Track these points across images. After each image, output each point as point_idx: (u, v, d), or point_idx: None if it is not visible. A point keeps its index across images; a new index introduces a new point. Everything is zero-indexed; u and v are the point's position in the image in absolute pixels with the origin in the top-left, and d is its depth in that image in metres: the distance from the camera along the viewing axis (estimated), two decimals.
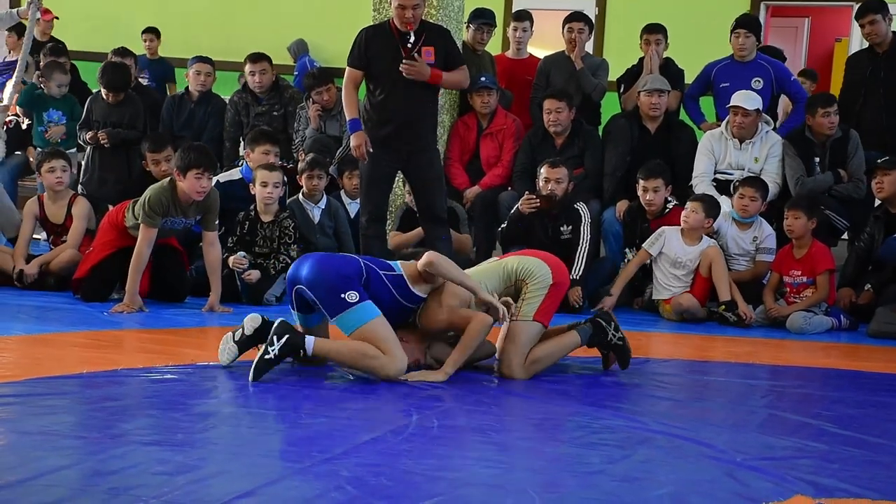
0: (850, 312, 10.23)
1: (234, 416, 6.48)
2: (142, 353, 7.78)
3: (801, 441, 6.41)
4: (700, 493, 5.35)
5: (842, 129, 11.30)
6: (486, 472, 5.51)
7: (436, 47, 9.36)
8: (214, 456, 5.64)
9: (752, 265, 10.56)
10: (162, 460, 5.47)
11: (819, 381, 8.42)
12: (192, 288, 9.82)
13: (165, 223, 9.39)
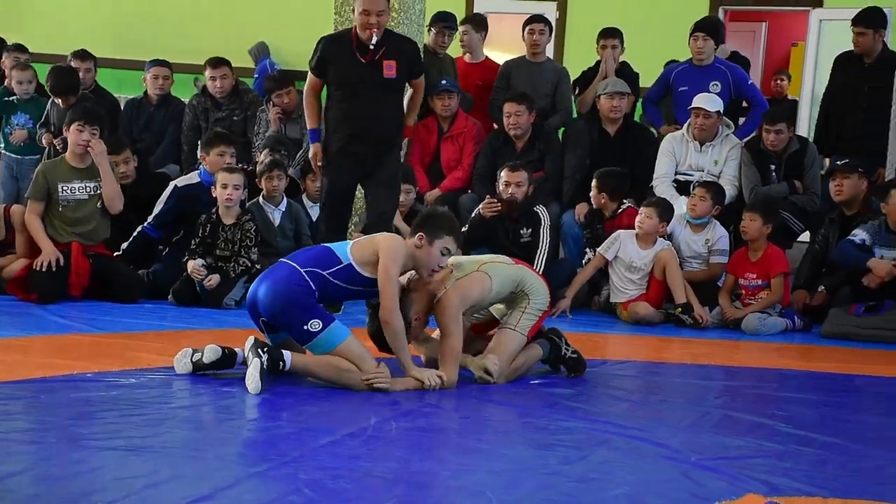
0: (804, 314, 10.27)
1: (191, 420, 6.41)
2: (98, 357, 7.52)
3: (754, 441, 6.47)
4: (656, 493, 5.38)
5: (800, 140, 11.42)
6: (445, 474, 5.57)
7: (398, 61, 9.29)
8: (172, 460, 5.59)
9: (706, 267, 10.57)
10: (119, 465, 5.44)
11: (773, 382, 8.45)
12: (147, 291, 9.75)
13: (66, 193, 9.55)
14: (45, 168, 9.87)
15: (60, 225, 9.52)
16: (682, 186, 11.05)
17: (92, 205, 9.65)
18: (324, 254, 7.05)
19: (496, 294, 7.48)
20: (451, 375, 7.17)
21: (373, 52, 9.09)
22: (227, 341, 7.18)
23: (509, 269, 7.61)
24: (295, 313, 6.83)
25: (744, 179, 11.10)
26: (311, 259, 7.04)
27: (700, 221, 10.44)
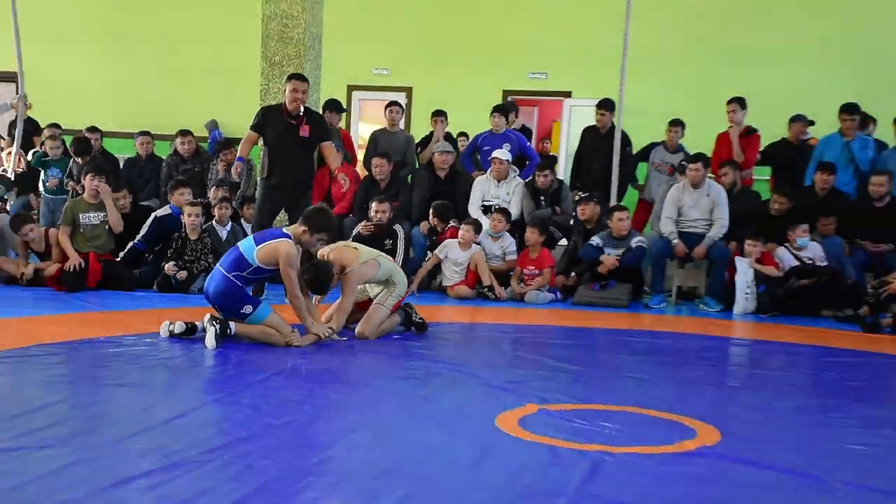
0: (563, 291, 10.54)
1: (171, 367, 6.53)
2: (107, 326, 7.70)
3: (532, 371, 6.84)
4: (472, 405, 5.86)
5: (559, 181, 11.65)
6: (335, 396, 5.95)
7: (311, 126, 9.20)
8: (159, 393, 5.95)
9: (503, 263, 10.64)
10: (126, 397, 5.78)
11: (545, 334, 8.60)
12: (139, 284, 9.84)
13: (85, 220, 9.75)
14: (71, 204, 10.02)
15: (81, 241, 9.67)
16: (486, 209, 11.07)
17: (102, 227, 9.84)
18: (240, 260, 7.11)
19: (378, 277, 7.82)
20: (339, 323, 7.65)
21: (296, 118, 9.02)
22: (192, 317, 7.39)
23: (389, 263, 7.97)
24: (233, 303, 7.15)
25: (525, 206, 11.24)
26: (233, 265, 7.12)
27: (498, 234, 10.61)
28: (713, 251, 10.34)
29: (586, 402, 5.96)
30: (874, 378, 7.38)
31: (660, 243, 10.56)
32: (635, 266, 10.36)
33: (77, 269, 9.50)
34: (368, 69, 15.44)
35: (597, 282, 10.21)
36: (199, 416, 5.29)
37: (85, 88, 15.80)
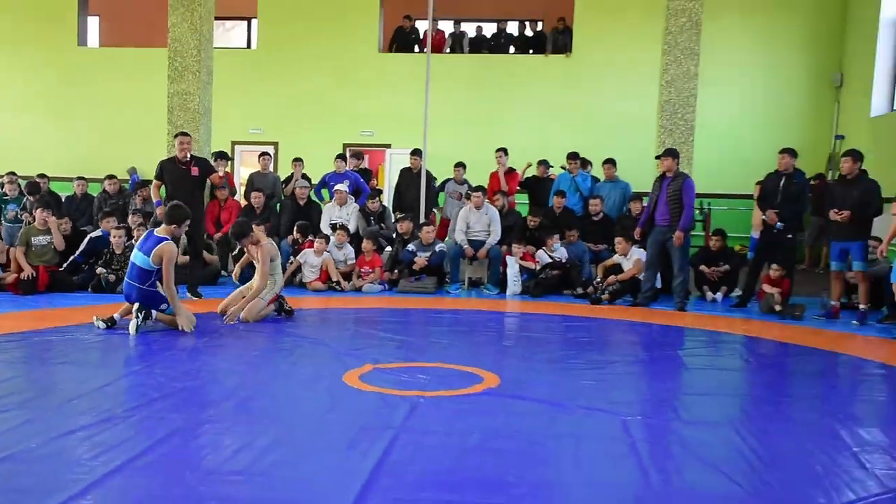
0: (389, 283, 10.18)
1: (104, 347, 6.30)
2: (54, 320, 7.36)
3: (369, 341, 6.82)
4: (325, 367, 5.77)
5: (384, 206, 11.49)
6: (224, 366, 5.86)
7: (198, 167, 8.86)
8: (97, 368, 5.87)
9: (346, 265, 10.21)
10: (70, 371, 5.69)
11: (377, 314, 8.41)
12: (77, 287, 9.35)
13: (36, 242, 9.38)
14: (25, 230, 9.69)
15: (33, 257, 9.28)
16: (332, 227, 10.62)
17: (49, 247, 9.45)
18: (143, 272, 6.84)
19: (274, 265, 7.71)
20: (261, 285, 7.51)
21: (186, 164, 8.72)
22: (115, 311, 7.07)
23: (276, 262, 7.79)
24: (156, 304, 6.87)
25: (360, 224, 10.95)
26: (141, 277, 6.84)
27: (341, 245, 10.28)
28: (491, 252, 10.42)
29: (407, 361, 6.01)
30: (599, 335, 7.60)
31: (455, 248, 10.53)
32: (439, 264, 10.28)
33: (30, 278, 9.15)
34: (246, 129, 15.32)
35: (412, 276, 10.11)
36: (122, 384, 5.22)
37: (35, 144, 15.31)
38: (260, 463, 3.73)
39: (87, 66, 15.63)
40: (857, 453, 4.09)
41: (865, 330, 8.07)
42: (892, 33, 13.02)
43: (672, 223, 9.05)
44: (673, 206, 9.03)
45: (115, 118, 15.41)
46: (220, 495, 3.36)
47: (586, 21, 14.70)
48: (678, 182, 9.05)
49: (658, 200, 9.20)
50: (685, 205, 8.98)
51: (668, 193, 9.07)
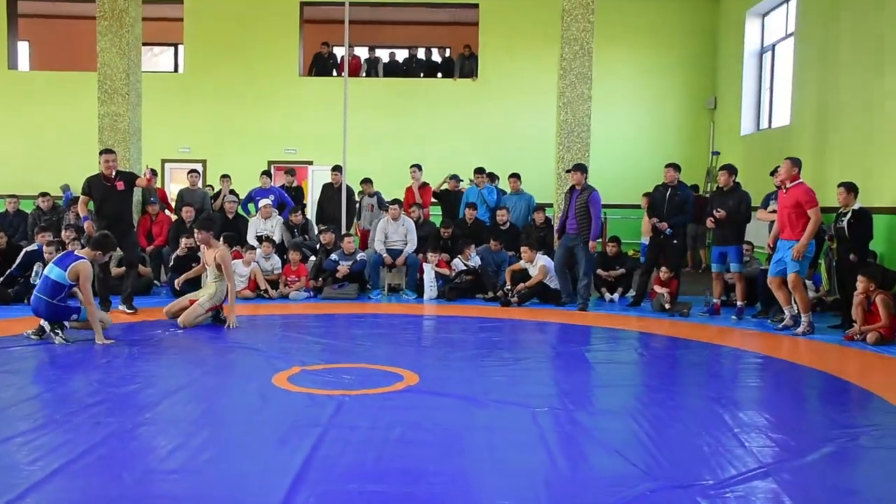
0: (314, 290, 9.98)
1: (39, 356, 6.12)
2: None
3: (296, 345, 6.70)
4: (256, 369, 5.71)
5: (306, 219, 11.37)
6: (159, 371, 5.76)
7: (123, 181, 8.47)
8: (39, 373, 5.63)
9: (273, 274, 10.04)
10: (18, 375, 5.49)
11: (303, 319, 8.18)
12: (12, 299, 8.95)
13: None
14: None
15: None
16: (259, 239, 10.35)
17: None
18: (56, 286, 6.61)
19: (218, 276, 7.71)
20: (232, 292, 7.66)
21: (111, 179, 8.39)
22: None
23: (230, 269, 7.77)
24: (63, 317, 6.63)
25: (285, 236, 10.80)
26: (53, 290, 6.60)
27: (268, 256, 10.13)
28: (409, 260, 10.37)
29: (332, 363, 5.96)
30: (509, 334, 7.64)
31: (375, 256, 10.40)
32: (360, 271, 10.23)
33: None
34: (176, 148, 15.01)
35: (336, 283, 9.97)
36: (59, 391, 5.08)
37: None
38: (195, 461, 3.67)
39: (18, 89, 15.16)
40: (737, 433, 4.23)
41: (743, 324, 8.31)
42: (755, 64, 13.59)
43: (580, 232, 9.21)
44: (581, 217, 9.18)
45: (46, 138, 14.96)
46: (157, 493, 3.29)
47: (490, 48, 14.90)
48: (585, 195, 9.21)
49: (568, 211, 9.35)
50: (592, 216, 9.15)
51: (576, 205, 9.23)
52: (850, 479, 3.69)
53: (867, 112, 9.52)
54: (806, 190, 7.62)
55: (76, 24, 16.65)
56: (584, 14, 10.78)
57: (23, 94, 15.09)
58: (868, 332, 7.13)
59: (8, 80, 15.16)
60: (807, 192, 7.60)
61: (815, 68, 10.88)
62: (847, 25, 10.06)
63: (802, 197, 7.57)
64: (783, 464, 3.77)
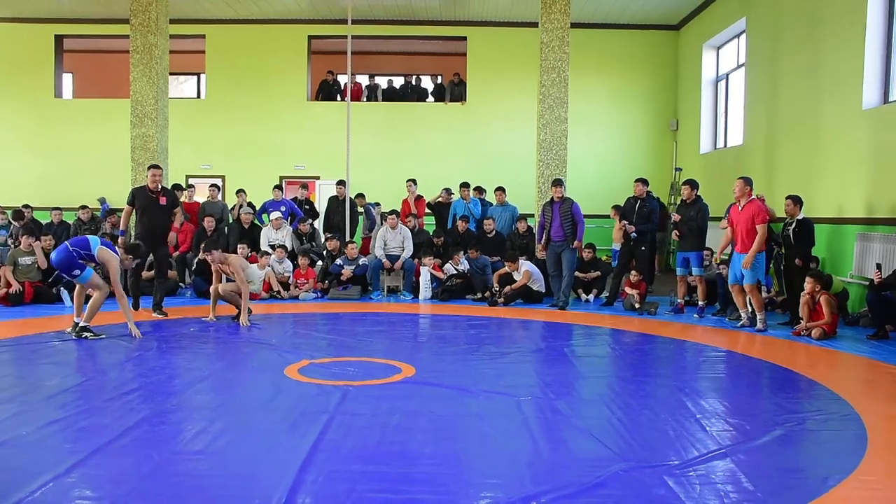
0: (321, 292, 9.95)
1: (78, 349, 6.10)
2: (39, 327, 7.08)
3: (306, 340, 6.66)
4: (269, 362, 5.68)
5: (314, 228, 11.22)
6: (184, 364, 5.71)
7: (166, 197, 8.35)
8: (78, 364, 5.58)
9: (284, 276, 9.97)
10: (50, 369, 5.41)
11: (312, 318, 8.15)
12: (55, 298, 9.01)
13: (22, 262, 9.12)
14: (13, 252, 9.39)
15: (19, 274, 9.01)
16: (272, 246, 10.14)
17: (33, 266, 9.19)
18: (85, 243, 6.60)
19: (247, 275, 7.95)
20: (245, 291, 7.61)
21: (156, 193, 8.26)
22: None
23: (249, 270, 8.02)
24: (68, 267, 6.52)
25: (295, 244, 10.71)
26: (77, 243, 6.59)
27: (280, 260, 10.03)
28: (405, 264, 10.34)
29: (338, 357, 5.94)
30: (497, 331, 7.62)
31: (376, 261, 10.39)
32: (362, 275, 10.20)
33: (17, 292, 8.90)
34: (198, 165, 14.95)
35: (340, 285, 9.96)
36: (98, 380, 5.08)
37: (18, 180, 14.68)
38: (215, 444, 3.67)
39: (63, 115, 15.13)
40: (699, 419, 4.24)
41: (704, 321, 8.32)
42: (711, 90, 13.62)
43: (566, 238, 9.19)
44: (566, 225, 9.17)
45: (85, 157, 14.89)
46: (182, 472, 3.29)
47: (477, 76, 14.89)
48: (567, 205, 9.21)
49: (552, 221, 9.30)
50: (578, 221, 9.15)
51: (560, 215, 9.20)
52: (798, 459, 3.69)
53: (809, 133, 9.57)
54: (759, 206, 7.61)
55: (113, 58, 16.73)
56: (561, 45, 10.85)
57: (66, 119, 15.06)
58: (813, 328, 7.17)
59: (54, 107, 15.14)
60: (759, 208, 7.59)
61: (763, 95, 10.94)
62: (790, 57, 10.13)
63: (756, 212, 7.56)
64: (739, 446, 3.77)
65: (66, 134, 14.99)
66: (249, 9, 14.20)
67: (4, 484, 3.07)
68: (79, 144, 14.94)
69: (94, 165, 14.75)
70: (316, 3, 13.87)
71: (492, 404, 4.52)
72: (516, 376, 5.37)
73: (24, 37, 15.02)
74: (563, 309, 9.03)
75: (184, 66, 16.90)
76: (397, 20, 14.75)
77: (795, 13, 10.06)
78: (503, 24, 14.75)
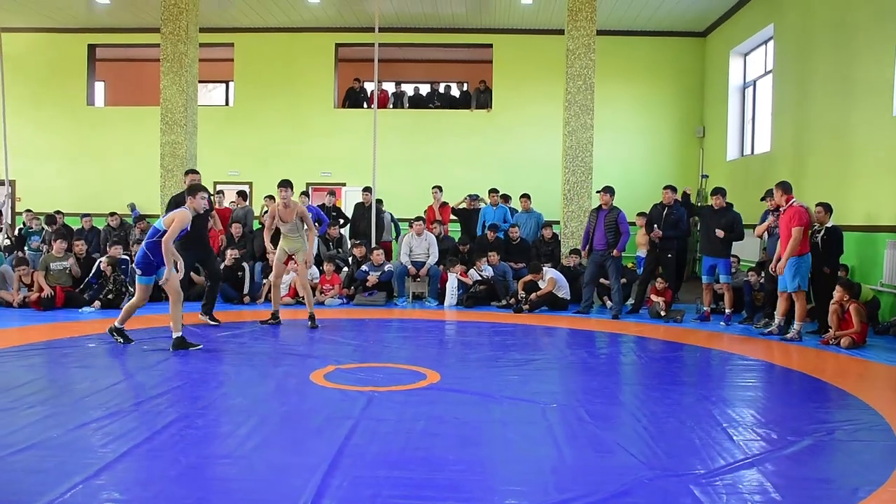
0: (347, 297, 9.95)
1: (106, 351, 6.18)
2: (69, 331, 7.12)
3: (331, 346, 6.65)
4: (295, 367, 5.65)
5: (341, 234, 11.31)
6: (210, 369, 5.71)
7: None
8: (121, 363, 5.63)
9: (311, 281, 9.60)
10: (87, 372, 5.43)
11: (337, 323, 8.06)
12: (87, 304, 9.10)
13: (54, 266, 9.23)
14: (45, 257, 9.55)
15: (51, 279, 9.15)
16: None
17: (65, 272, 9.34)
18: (153, 230, 6.25)
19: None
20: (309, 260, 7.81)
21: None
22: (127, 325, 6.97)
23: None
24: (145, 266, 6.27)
25: (322, 249, 10.74)
26: (149, 234, 6.30)
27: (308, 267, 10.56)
28: (431, 271, 10.35)
29: (363, 362, 5.95)
30: (521, 338, 7.59)
31: (401, 267, 10.41)
32: (388, 281, 10.20)
33: (49, 296, 9.01)
34: (226, 171, 15.09)
35: (366, 291, 9.98)
36: (127, 383, 5.13)
37: (51, 186, 14.86)
38: (242, 448, 3.69)
39: (95, 122, 15.35)
40: (725, 428, 4.19)
41: (730, 329, 8.23)
42: (738, 97, 13.49)
43: (608, 248, 9.09)
44: (609, 233, 9.09)
45: (116, 164, 15.09)
46: (209, 476, 3.32)
47: (502, 83, 14.88)
48: (613, 214, 9.11)
49: (596, 229, 9.22)
50: (623, 231, 9.07)
51: (605, 223, 9.13)
52: (827, 469, 3.63)
53: (838, 140, 9.44)
54: (795, 210, 7.44)
55: (144, 66, 16.97)
56: (587, 53, 10.83)
57: (98, 126, 15.27)
58: (842, 337, 7.07)
59: (86, 115, 15.37)
60: (796, 211, 7.42)
61: (791, 101, 10.81)
62: (819, 64, 10.00)
63: (792, 216, 7.41)
64: (767, 455, 3.72)
65: (98, 141, 15.22)
66: (277, 17, 14.35)
67: (35, 485, 3.10)
68: (110, 151, 15.17)
69: (125, 172, 14.95)
70: (343, 12, 13.96)
71: (516, 411, 4.50)
72: (541, 383, 5.34)
73: (59, 46, 15.29)
74: (617, 318, 8.92)
75: (213, 74, 17.08)
76: (424, 28, 14.81)
77: (824, 19, 9.95)
78: (529, 32, 14.74)
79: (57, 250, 9.49)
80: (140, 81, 17.04)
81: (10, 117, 12.23)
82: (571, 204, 10.96)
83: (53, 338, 6.89)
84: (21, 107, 14.73)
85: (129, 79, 17.48)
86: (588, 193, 11.04)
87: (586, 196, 10.90)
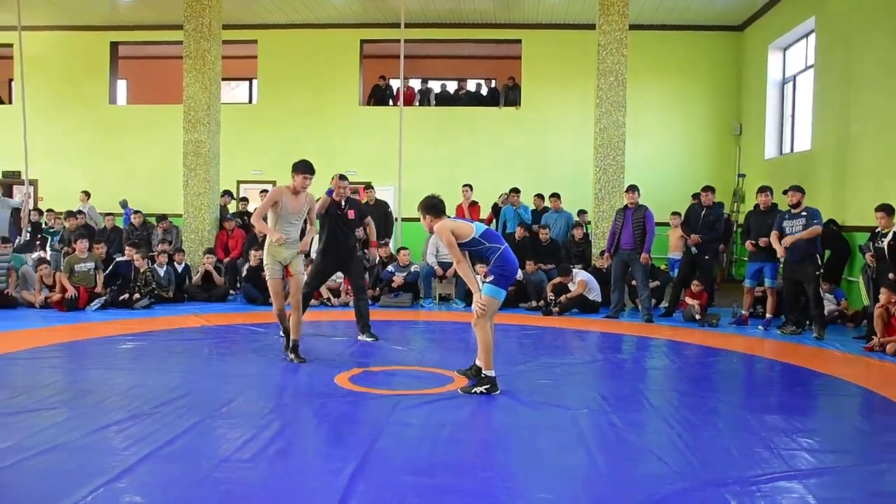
0: (372, 299, 9.72)
1: (126, 352, 6.25)
2: (93, 331, 7.16)
3: (356, 348, 6.62)
4: (319, 370, 5.69)
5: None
6: (233, 371, 5.73)
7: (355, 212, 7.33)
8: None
9: (334, 283, 9.98)
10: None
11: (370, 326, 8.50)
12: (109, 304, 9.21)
13: (78, 267, 9.30)
14: (69, 258, 9.56)
15: (75, 280, 9.22)
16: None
17: (89, 273, 9.41)
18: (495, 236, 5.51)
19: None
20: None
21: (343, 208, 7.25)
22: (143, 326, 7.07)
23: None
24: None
25: None
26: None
27: None
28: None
29: (389, 365, 5.95)
30: (551, 341, 7.56)
31: (427, 268, 10.43)
32: (414, 282, 10.17)
33: (73, 297, 9.12)
34: (249, 170, 15.20)
35: (392, 292, 10.00)
36: (148, 385, 5.13)
37: (73, 185, 14.80)
38: (265, 452, 3.69)
39: (117, 121, 15.56)
40: (763, 438, 4.13)
41: (769, 334, 8.13)
42: (777, 93, 13.30)
43: (636, 247, 9.03)
44: (637, 233, 9.02)
45: (138, 162, 15.28)
46: (232, 480, 3.32)
47: (532, 79, 14.84)
48: (640, 213, 9.04)
49: (623, 228, 9.15)
50: (648, 230, 8.99)
51: (632, 222, 9.07)
52: (873, 484, 3.55)
53: (885, 138, 9.26)
54: None
55: (166, 64, 17.12)
56: (619, 48, 10.75)
57: (120, 124, 15.47)
58: (888, 343, 6.93)
59: (108, 113, 15.58)
60: None
61: (834, 97, 10.63)
62: (863, 58, 9.82)
63: None
64: (808, 467, 3.66)
65: (120, 140, 15.41)
66: (301, 13, 14.44)
67: (55, 487, 3.14)
68: (132, 149, 15.33)
69: (147, 171, 15.14)
70: (368, 7, 14.01)
71: (546, 416, 4.48)
72: (571, 388, 5.31)
73: (81, 44, 15.51)
74: (650, 321, 8.82)
75: (236, 71, 17.22)
76: (450, 23, 14.79)
77: (869, 11, 9.77)
78: (559, 27, 14.66)
79: (80, 250, 9.60)
80: (163, 79, 17.17)
81: (31, 117, 12.37)
82: (603, 203, 10.88)
83: (76, 338, 6.98)
84: (42, 106, 14.94)
85: (151, 77, 17.66)
86: (620, 193, 10.96)
87: (618, 195, 10.81)
